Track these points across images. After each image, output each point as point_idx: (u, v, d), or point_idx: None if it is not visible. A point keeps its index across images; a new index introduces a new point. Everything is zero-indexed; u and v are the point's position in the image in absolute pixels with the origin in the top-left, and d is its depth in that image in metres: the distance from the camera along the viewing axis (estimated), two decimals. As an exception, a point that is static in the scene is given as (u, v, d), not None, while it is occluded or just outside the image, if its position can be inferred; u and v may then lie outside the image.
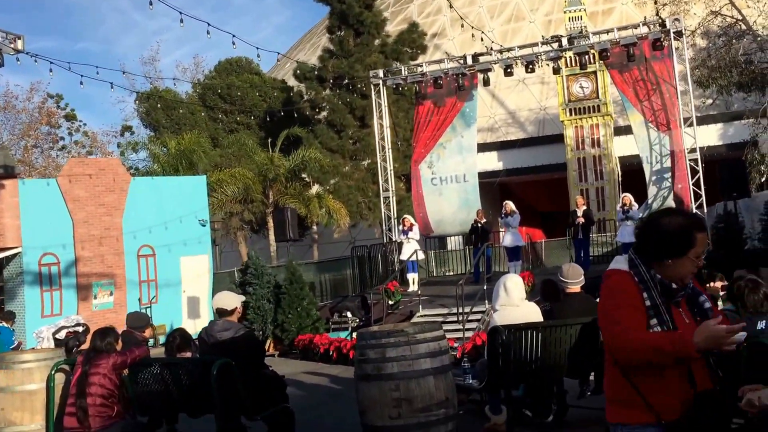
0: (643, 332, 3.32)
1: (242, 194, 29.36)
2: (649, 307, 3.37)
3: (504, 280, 8.35)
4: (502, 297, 8.24)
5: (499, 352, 7.77)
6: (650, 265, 3.44)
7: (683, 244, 3.37)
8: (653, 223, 3.51)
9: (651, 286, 3.41)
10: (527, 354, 7.87)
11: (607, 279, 3.55)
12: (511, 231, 19.77)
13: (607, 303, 3.47)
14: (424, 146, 23.44)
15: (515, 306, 8.20)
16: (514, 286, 8.25)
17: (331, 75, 32.27)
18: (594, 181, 28.42)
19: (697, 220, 3.50)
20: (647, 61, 21.29)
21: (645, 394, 3.33)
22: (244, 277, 17.85)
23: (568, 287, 8.43)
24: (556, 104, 35.06)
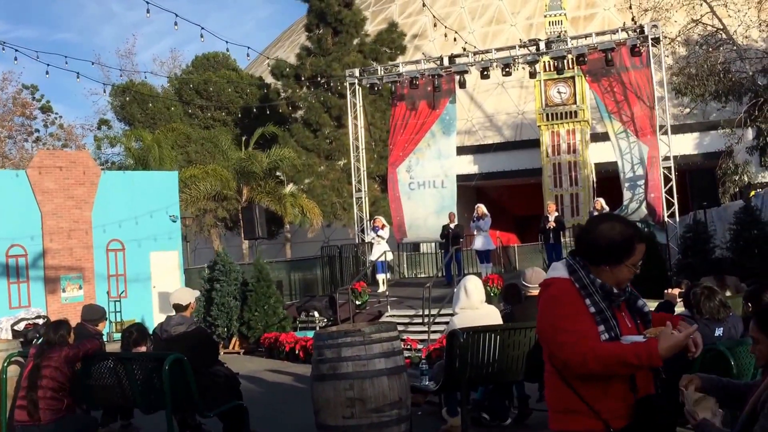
0: (600, 343, 3.27)
1: (215, 191, 29.25)
2: (594, 313, 3.33)
3: (464, 283, 8.38)
4: (462, 299, 8.26)
5: (456, 354, 7.80)
6: (589, 269, 3.41)
7: (623, 252, 3.36)
8: (593, 228, 3.48)
9: (593, 291, 3.37)
10: (485, 357, 7.89)
11: (547, 288, 3.48)
12: (483, 234, 19.83)
13: (553, 312, 3.38)
14: (402, 149, 23.45)
15: (475, 309, 8.22)
16: (474, 288, 8.27)
17: (309, 73, 32.24)
18: (569, 187, 28.54)
19: (637, 229, 3.49)
20: (626, 70, 21.44)
21: (589, 401, 3.29)
22: (212, 273, 17.77)
23: (529, 291, 8.47)
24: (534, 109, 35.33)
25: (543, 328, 3.44)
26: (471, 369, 7.84)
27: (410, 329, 15.39)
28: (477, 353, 7.85)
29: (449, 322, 8.36)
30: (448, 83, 23.12)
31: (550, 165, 28.78)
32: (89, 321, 9.01)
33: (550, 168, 28.78)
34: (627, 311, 3.50)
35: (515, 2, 39.63)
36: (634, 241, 3.37)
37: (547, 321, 3.40)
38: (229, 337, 17.31)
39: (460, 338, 7.69)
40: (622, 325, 3.40)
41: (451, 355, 7.95)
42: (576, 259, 3.47)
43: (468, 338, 7.74)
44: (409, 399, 7.55)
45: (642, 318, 3.53)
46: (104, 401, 8.00)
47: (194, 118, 36.27)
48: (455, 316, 8.32)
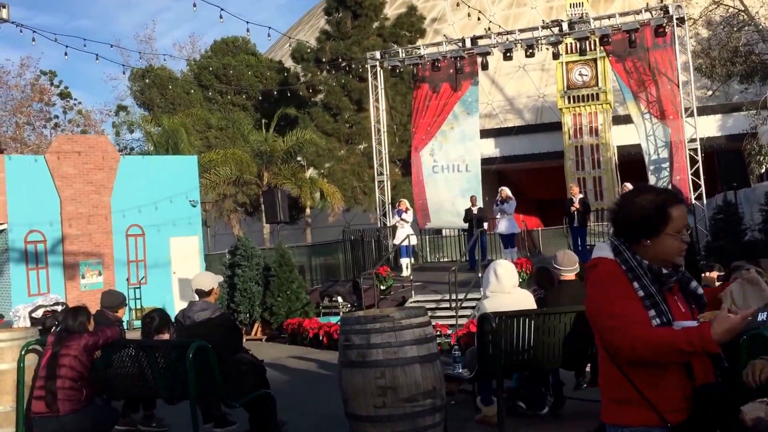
0: (652, 328, 3.00)
1: (236, 175, 28.91)
2: (643, 297, 3.05)
3: (494, 266, 7.98)
4: (492, 283, 7.86)
5: (489, 340, 7.42)
6: (634, 249, 3.13)
7: (658, 220, 3.08)
8: (623, 203, 3.22)
9: (640, 273, 3.09)
10: (519, 343, 7.52)
11: (593, 269, 3.21)
12: (507, 217, 19.39)
13: (600, 296, 3.12)
14: (425, 133, 22.99)
15: (506, 293, 7.82)
16: (505, 272, 7.86)
17: (328, 57, 31.82)
18: (591, 170, 28.00)
19: (670, 194, 3.21)
20: (648, 51, 20.91)
21: (644, 390, 3.02)
22: (234, 258, 17.45)
23: (562, 274, 8.09)
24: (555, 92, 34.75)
25: (591, 311, 3.18)
26: (505, 356, 7.46)
27: (437, 314, 14.99)
28: (511, 339, 7.48)
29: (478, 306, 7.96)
30: (471, 65, 22.64)
31: (572, 148, 28.23)
32: (109, 307, 8.67)
33: (572, 151, 28.23)
34: (680, 295, 3.21)
35: (535, -15, 38.95)
36: (667, 206, 3.08)
37: (594, 304, 3.15)
38: (251, 324, 16.99)
39: (492, 323, 7.31)
40: (675, 310, 3.11)
41: (482, 340, 7.58)
42: (621, 240, 3.18)
43: (500, 323, 7.37)
44: (444, 388, 7.17)
45: (696, 301, 3.25)
46: (125, 391, 7.70)
47: (214, 103, 35.94)
48: (485, 300, 7.92)
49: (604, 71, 27.51)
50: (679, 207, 3.12)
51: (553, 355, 7.69)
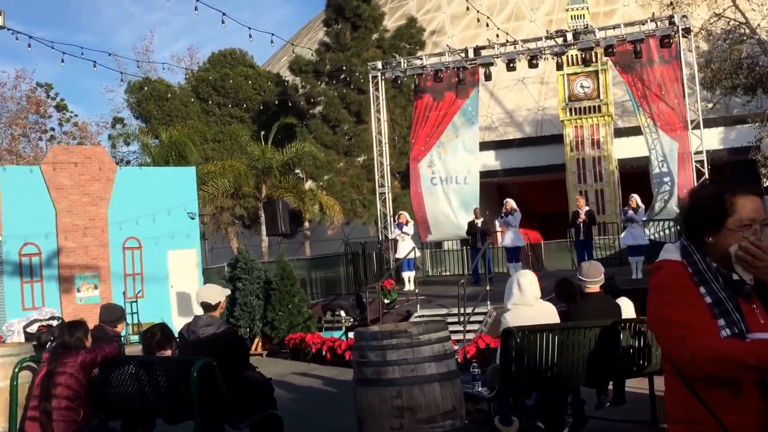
0: (715, 339, 2.58)
1: (234, 187, 28.45)
2: (711, 304, 2.64)
3: (518, 277, 7.53)
4: (515, 295, 7.41)
5: (512, 356, 6.97)
6: (704, 251, 2.73)
7: (715, 213, 2.69)
8: (688, 197, 2.87)
9: (709, 277, 2.68)
10: (542, 359, 7.06)
11: (656, 272, 2.82)
12: (512, 230, 18.95)
13: (660, 301, 2.74)
14: (424, 143, 22.59)
15: (529, 305, 7.38)
16: (528, 284, 7.42)
17: (328, 68, 31.47)
18: (593, 183, 27.64)
19: (736, 183, 2.79)
20: (654, 64, 20.60)
21: (715, 410, 2.61)
22: (233, 271, 16.98)
23: (587, 286, 7.65)
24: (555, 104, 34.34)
25: (651, 319, 2.81)
26: (528, 373, 7.02)
27: (442, 329, 14.55)
28: (534, 355, 7.02)
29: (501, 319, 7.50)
30: (472, 75, 22.28)
31: (573, 160, 27.87)
32: (107, 322, 8.19)
33: (574, 164, 27.88)
34: (760, 303, 2.71)
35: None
36: (725, 195, 2.69)
37: (654, 311, 2.77)
38: (251, 338, 16.49)
39: (516, 337, 6.86)
40: (751, 320, 2.64)
41: (506, 356, 7.11)
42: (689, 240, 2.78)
43: (524, 338, 6.92)
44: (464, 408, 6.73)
45: None
46: (124, 410, 7.23)
47: (211, 115, 35.52)
48: (507, 313, 7.47)
49: (605, 83, 27.24)
50: (745, 197, 2.71)
51: (577, 372, 7.24)
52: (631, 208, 17.90)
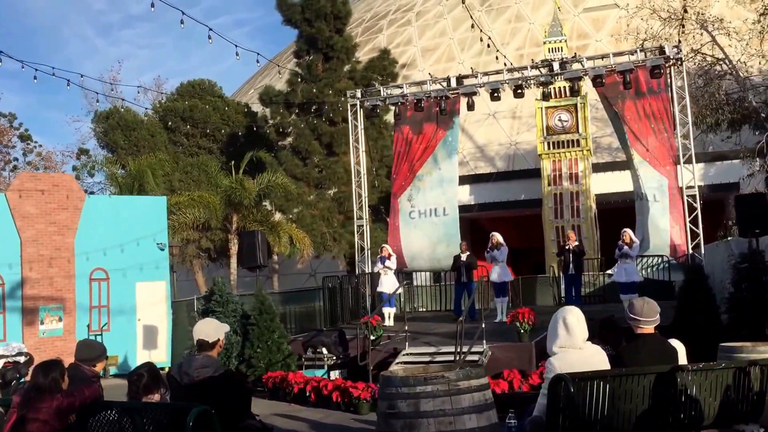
0: None
1: (204, 219, 27.19)
2: None
3: (563, 315, 6.47)
4: (561, 336, 6.37)
5: (560, 407, 5.96)
6: None
7: None
8: None
9: None
10: (591, 410, 6.06)
11: None
12: (499, 265, 18.00)
13: None
14: (405, 178, 21.70)
15: (578, 348, 6.34)
16: (576, 323, 6.37)
17: (299, 99, 30.50)
18: (570, 218, 26.83)
19: None
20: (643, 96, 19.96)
21: None
22: (208, 304, 15.79)
23: (640, 327, 6.64)
24: (527, 139, 33.78)
25: None
26: (578, 426, 6.00)
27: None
28: (583, 406, 6.02)
29: (546, 365, 6.45)
30: (452, 106, 21.47)
31: (551, 195, 27.09)
32: (85, 360, 7.02)
33: (551, 198, 27.09)
34: None
35: (504, 33, 38.26)
36: None
37: None
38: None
39: (570, 387, 5.86)
40: None
41: (554, 407, 6.09)
42: None
43: (576, 387, 5.91)
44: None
45: None
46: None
47: (179, 146, 34.28)
48: (554, 358, 6.41)
49: (584, 117, 26.61)
50: None
51: (629, 424, 6.24)
52: (624, 243, 17.06)
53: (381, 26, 42.20)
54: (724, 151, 27.87)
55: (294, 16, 30.58)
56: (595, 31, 36.58)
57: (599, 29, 36.70)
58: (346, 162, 30.17)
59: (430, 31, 39.95)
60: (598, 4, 37.84)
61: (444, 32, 39.39)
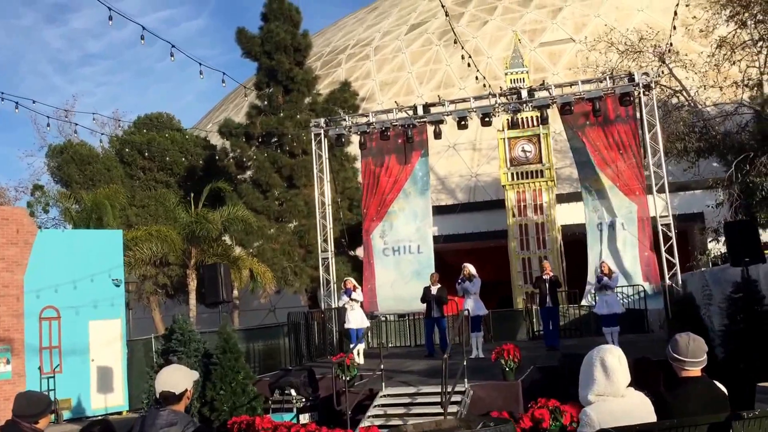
0: None
1: (162, 254, 25.70)
2: None
3: (601, 356, 5.20)
4: (599, 382, 5.12)
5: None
6: None
7: None
8: None
9: None
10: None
11: None
12: (472, 298, 16.87)
13: None
14: (376, 213, 20.58)
15: (620, 396, 5.15)
16: (618, 365, 5.12)
17: (259, 132, 29.30)
18: (536, 250, 25.98)
19: None
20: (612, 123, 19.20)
21: None
22: (168, 343, 14.41)
23: (685, 369, 5.46)
24: (488, 171, 33.01)
25: None
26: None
27: (415, 411, 12.27)
28: (627, 465, 4.88)
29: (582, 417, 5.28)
30: (420, 135, 20.47)
31: (516, 226, 26.22)
32: (26, 416, 5.69)
33: (517, 229, 26.21)
34: None
35: (463, 67, 37.50)
36: None
37: None
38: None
39: (616, 444, 4.71)
40: None
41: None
42: None
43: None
44: None
45: None
46: None
47: (136, 180, 32.75)
48: (590, 408, 5.19)
49: (547, 147, 25.87)
50: None
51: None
52: (604, 274, 16.07)
53: (340, 60, 41.37)
54: (686, 182, 27.34)
55: (254, 49, 29.50)
56: (551, 65, 36.11)
57: (556, 63, 36.27)
58: (306, 195, 28.99)
59: (389, 65, 39.21)
60: (554, 39, 37.49)
61: (402, 66, 38.66)
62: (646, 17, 35.01)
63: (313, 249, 28.54)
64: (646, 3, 38.55)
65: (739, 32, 25.78)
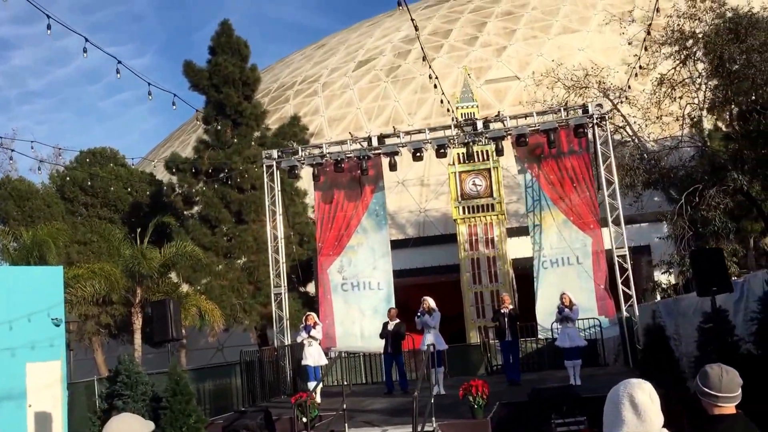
0: None
1: (105, 292, 24.25)
2: None
3: (630, 392, 4.30)
4: (629, 422, 4.22)
5: None
6: None
7: None
8: None
9: None
10: None
11: None
12: (432, 332, 15.99)
13: None
14: (332, 248, 19.66)
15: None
16: (649, 403, 4.25)
17: (207, 166, 28.19)
18: (488, 284, 25.23)
19: None
20: (564, 156, 18.75)
21: None
22: (113, 386, 13.17)
23: (718, 405, 4.63)
24: (436, 206, 32.41)
25: None
26: None
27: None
28: None
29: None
30: (374, 168, 19.68)
31: (468, 260, 25.46)
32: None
33: (468, 263, 25.45)
34: None
35: (411, 103, 37.18)
36: None
37: None
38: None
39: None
40: None
41: None
42: None
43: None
44: None
45: None
46: None
47: (78, 216, 31.23)
48: (621, 451, 4.36)
49: (497, 181, 25.30)
50: None
51: None
52: (565, 306, 15.35)
53: (288, 96, 40.58)
54: (632, 215, 27.06)
55: (202, 82, 28.49)
56: (497, 102, 35.83)
57: (502, 100, 36.03)
58: (255, 230, 27.93)
59: (337, 101, 38.54)
60: (499, 76, 37.33)
61: (351, 102, 38.02)
62: (586, 56, 35.08)
63: (263, 285, 27.39)
64: (587, 42, 38.77)
65: (679, 70, 25.85)
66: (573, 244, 19.06)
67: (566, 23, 40.82)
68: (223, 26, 29.02)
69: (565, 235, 19.02)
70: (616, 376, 16.61)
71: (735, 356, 11.55)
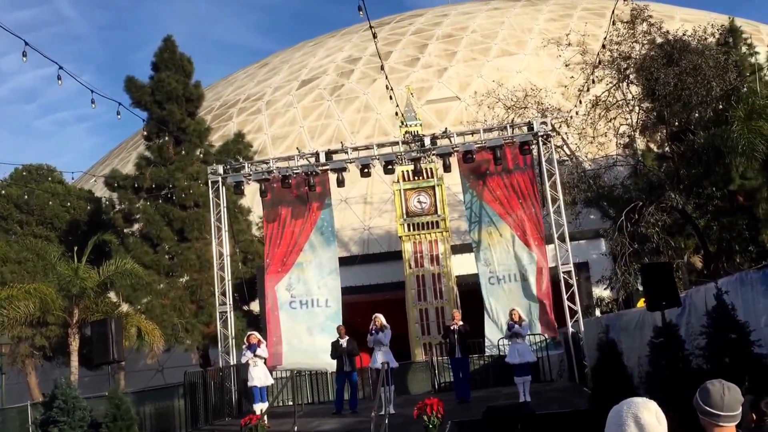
0: None
1: (40, 313, 22.94)
2: None
3: (634, 412, 3.74)
4: None
5: None
6: None
7: None
8: None
9: None
10: None
11: None
12: (383, 350, 15.39)
13: None
14: (281, 264, 18.90)
15: (657, 461, 3.73)
16: (656, 423, 3.74)
17: (149, 184, 27.13)
18: (433, 300, 24.71)
19: None
20: (510, 172, 18.45)
21: None
22: (48, 412, 12.17)
23: (720, 425, 4.12)
24: (380, 224, 31.90)
25: None
26: None
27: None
28: None
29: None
30: (322, 185, 19.05)
31: (413, 277, 24.92)
32: None
33: (414, 280, 24.92)
34: None
35: (354, 122, 36.70)
36: None
37: None
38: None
39: None
40: None
41: None
42: None
43: None
44: None
45: None
46: None
47: (11, 234, 29.73)
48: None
49: (442, 198, 24.91)
50: None
51: None
52: (514, 321, 14.92)
53: (231, 114, 39.70)
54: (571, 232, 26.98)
55: (144, 98, 27.49)
56: (439, 122, 35.57)
57: (443, 120, 35.78)
58: (199, 248, 26.98)
59: (281, 119, 37.83)
60: (440, 97, 37.16)
61: (294, 121, 37.34)
62: (524, 78, 35.17)
63: (206, 304, 26.44)
64: (524, 65, 38.95)
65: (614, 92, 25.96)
66: (520, 261, 18.74)
67: (504, 46, 41.00)
68: (167, 42, 28.14)
69: (512, 252, 18.69)
70: (563, 392, 16.28)
71: (688, 371, 11.26)
